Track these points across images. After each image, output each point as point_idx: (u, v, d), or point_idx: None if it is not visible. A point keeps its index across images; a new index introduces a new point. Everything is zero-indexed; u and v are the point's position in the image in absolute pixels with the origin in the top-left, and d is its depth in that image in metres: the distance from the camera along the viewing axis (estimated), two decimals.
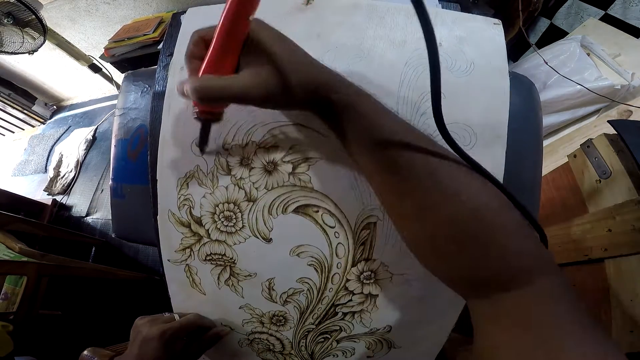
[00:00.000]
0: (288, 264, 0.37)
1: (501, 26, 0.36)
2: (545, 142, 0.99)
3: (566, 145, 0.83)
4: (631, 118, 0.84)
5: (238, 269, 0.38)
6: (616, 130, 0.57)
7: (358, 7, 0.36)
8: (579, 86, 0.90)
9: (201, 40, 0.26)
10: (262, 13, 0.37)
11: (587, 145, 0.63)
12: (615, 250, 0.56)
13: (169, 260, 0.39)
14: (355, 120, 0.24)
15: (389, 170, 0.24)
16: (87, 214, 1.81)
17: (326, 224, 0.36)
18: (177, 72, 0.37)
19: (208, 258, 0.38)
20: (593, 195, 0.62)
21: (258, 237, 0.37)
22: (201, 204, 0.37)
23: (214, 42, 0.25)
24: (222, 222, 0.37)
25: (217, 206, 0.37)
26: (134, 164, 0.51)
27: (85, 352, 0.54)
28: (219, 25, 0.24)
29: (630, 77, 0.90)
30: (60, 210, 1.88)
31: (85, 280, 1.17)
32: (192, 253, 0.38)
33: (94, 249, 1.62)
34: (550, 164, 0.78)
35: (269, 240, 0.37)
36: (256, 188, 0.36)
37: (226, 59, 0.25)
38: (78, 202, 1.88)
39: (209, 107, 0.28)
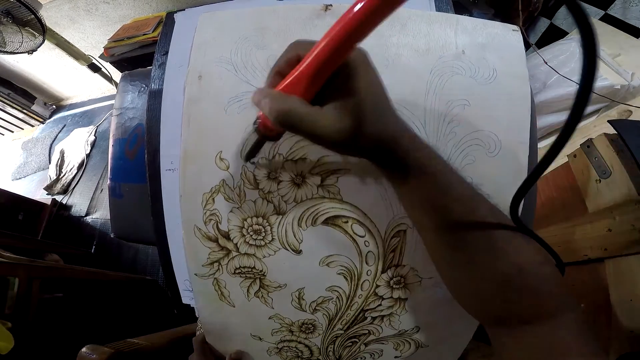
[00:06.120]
0: (318, 274, 0.37)
1: (520, 32, 0.37)
2: (545, 142, 0.99)
3: (566, 145, 0.83)
4: (631, 118, 0.83)
5: (268, 280, 0.38)
6: (616, 130, 0.57)
7: None
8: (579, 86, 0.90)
9: (296, 57, 0.23)
10: (281, 19, 0.37)
11: (587, 145, 0.63)
12: (615, 250, 0.56)
13: (196, 275, 0.39)
14: (424, 183, 0.24)
15: (447, 232, 0.25)
16: (87, 214, 1.81)
17: (356, 234, 0.36)
18: (194, 81, 0.36)
19: (237, 271, 0.38)
20: (593, 195, 0.62)
21: (288, 249, 0.37)
22: (228, 218, 0.36)
23: (309, 61, 0.22)
24: (251, 235, 0.37)
25: (246, 220, 0.36)
26: (132, 162, 0.51)
27: (83, 350, 0.54)
28: (322, 46, 0.21)
29: (630, 77, 0.90)
30: (60, 209, 1.87)
31: (82, 282, 1.17)
32: (220, 267, 0.38)
33: (94, 247, 1.63)
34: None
35: (298, 251, 0.37)
36: (285, 201, 0.35)
37: (313, 83, 0.22)
38: (77, 201, 1.88)
39: (278, 128, 0.25)
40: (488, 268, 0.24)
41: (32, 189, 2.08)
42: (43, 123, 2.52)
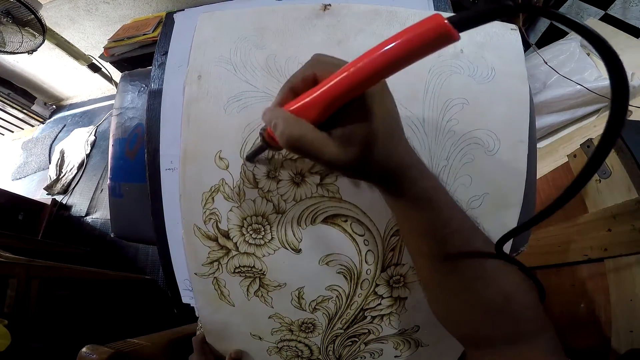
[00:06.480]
0: (317, 273, 0.37)
1: (518, 31, 0.37)
2: (545, 142, 0.99)
3: (566, 145, 0.83)
4: (631, 118, 0.83)
5: (268, 280, 0.38)
6: None
7: (378, 13, 0.36)
8: (579, 86, 0.90)
9: (313, 76, 0.23)
10: (280, 19, 0.37)
11: (587, 145, 0.63)
12: (615, 250, 0.56)
13: (196, 274, 0.39)
14: (426, 214, 0.25)
15: (442, 259, 0.26)
16: (87, 214, 1.81)
17: (355, 233, 0.36)
18: (194, 80, 0.36)
19: (237, 270, 0.38)
20: (593, 195, 0.62)
21: (287, 248, 0.37)
22: (228, 217, 0.36)
23: (327, 88, 0.21)
24: (251, 234, 0.37)
25: (245, 219, 0.36)
26: (132, 162, 0.51)
27: (83, 350, 0.54)
28: (345, 76, 0.20)
29: (630, 77, 0.90)
30: (60, 209, 1.87)
31: (82, 282, 1.18)
32: (220, 266, 0.38)
33: (94, 247, 1.63)
34: (550, 163, 0.78)
35: (298, 250, 0.37)
36: (284, 200, 0.35)
37: (327, 109, 0.21)
38: (78, 201, 1.88)
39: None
40: (478, 295, 0.26)
41: (32, 189, 2.08)
42: (43, 123, 2.53)
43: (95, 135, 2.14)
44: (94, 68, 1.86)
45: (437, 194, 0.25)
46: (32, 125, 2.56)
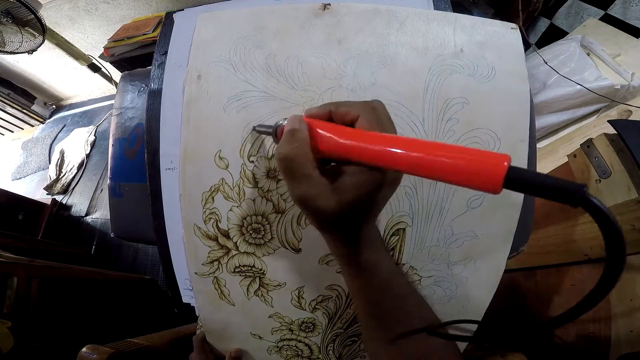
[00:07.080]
0: (317, 273, 0.37)
1: (518, 31, 0.37)
2: (545, 142, 0.99)
3: (566, 145, 0.83)
4: (631, 118, 0.83)
5: (267, 279, 0.38)
6: (616, 130, 0.57)
7: (378, 12, 0.36)
8: (579, 86, 0.90)
9: (352, 119, 0.23)
10: (279, 19, 0.37)
11: (587, 145, 0.63)
12: None
13: (196, 274, 0.39)
14: (365, 279, 0.27)
15: (376, 317, 0.29)
16: (87, 214, 1.81)
17: None
18: (193, 80, 0.36)
19: (237, 270, 0.38)
20: (593, 195, 0.62)
21: (287, 248, 0.37)
22: (228, 217, 0.37)
23: (361, 148, 0.20)
24: (251, 234, 0.37)
25: (245, 219, 0.36)
26: (132, 162, 0.51)
27: (83, 350, 0.54)
28: (386, 152, 0.19)
29: (630, 77, 0.90)
30: (60, 209, 1.88)
31: (82, 282, 1.18)
32: (220, 266, 0.38)
33: (94, 247, 1.63)
34: (550, 163, 0.78)
35: (298, 250, 0.37)
36: (284, 200, 0.35)
37: (345, 159, 0.21)
38: (78, 201, 1.88)
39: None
40: (405, 348, 0.29)
41: (32, 189, 2.08)
42: (43, 123, 2.53)
43: (95, 135, 2.14)
44: (94, 68, 1.86)
45: (380, 266, 0.27)
46: (32, 125, 2.56)
